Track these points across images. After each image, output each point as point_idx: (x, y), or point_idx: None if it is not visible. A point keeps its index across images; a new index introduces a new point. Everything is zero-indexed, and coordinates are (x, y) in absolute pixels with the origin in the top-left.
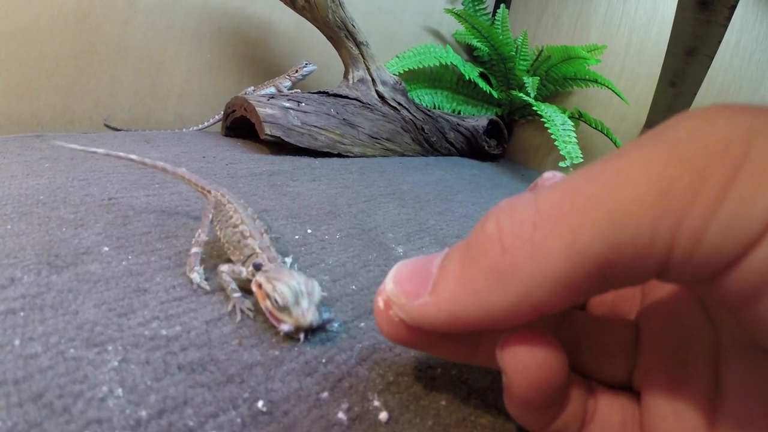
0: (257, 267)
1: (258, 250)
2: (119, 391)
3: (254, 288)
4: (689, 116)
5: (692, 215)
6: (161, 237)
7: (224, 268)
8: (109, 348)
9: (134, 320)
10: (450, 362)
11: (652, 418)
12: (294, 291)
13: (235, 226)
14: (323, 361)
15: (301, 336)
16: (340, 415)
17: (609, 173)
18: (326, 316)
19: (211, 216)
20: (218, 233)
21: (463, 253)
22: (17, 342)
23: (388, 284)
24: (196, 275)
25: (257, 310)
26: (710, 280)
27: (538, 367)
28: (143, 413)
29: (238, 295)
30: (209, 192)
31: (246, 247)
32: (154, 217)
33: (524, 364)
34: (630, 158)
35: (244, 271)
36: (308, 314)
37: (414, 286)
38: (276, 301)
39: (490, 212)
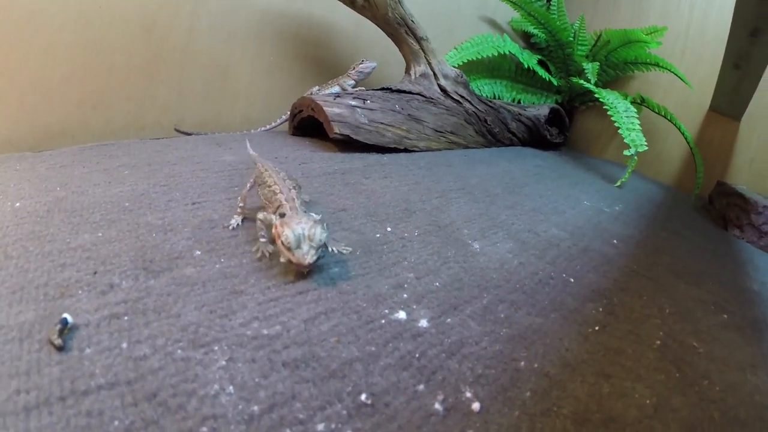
0: (281, 215)
1: (284, 202)
2: (230, 389)
3: (274, 230)
4: None
5: None
6: (249, 240)
7: (260, 215)
8: (215, 348)
9: (235, 321)
10: (532, 355)
11: None
12: (297, 236)
13: (269, 186)
14: (416, 355)
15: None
16: (437, 405)
17: None
18: (321, 253)
19: (253, 180)
20: (259, 193)
21: None
22: (125, 345)
23: None
24: (234, 221)
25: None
26: None
27: None
28: (255, 408)
29: (264, 240)
30: (255, 163)
31: (276, 201)
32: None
33: None
34: None
35: (274, 219)
36: (306, 257)
37: None
38: (283, 243)
39: None
